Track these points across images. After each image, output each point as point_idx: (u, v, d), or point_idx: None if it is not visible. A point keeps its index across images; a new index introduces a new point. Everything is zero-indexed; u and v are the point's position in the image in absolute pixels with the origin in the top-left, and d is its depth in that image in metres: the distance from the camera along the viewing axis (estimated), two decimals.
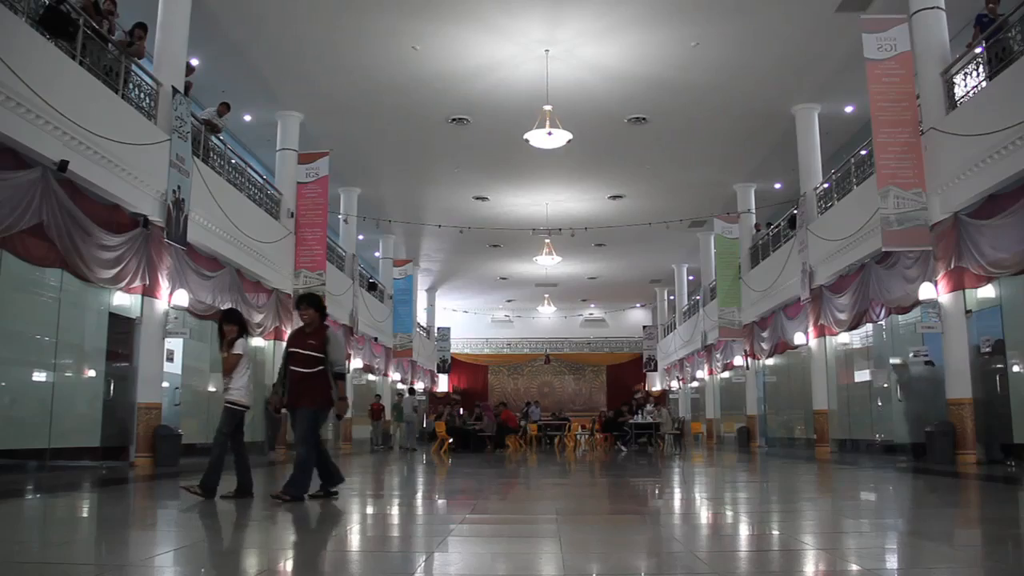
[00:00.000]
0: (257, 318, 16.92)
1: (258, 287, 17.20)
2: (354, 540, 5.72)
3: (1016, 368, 12.13)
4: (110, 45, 11.78)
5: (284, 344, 8.17)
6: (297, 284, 18.60)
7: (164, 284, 12.96)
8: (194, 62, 15.69)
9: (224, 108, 16.00)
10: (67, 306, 11.47)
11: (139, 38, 12.64)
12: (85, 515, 7.38)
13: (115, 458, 12.20)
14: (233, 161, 16.57)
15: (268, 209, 17.89)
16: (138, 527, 6.58)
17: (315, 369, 7.70)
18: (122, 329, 12.62)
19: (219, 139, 16.16)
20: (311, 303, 7.92)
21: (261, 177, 18.10)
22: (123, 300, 12.58)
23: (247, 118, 19.59)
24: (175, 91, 13.11)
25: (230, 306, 15.63)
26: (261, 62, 16.52)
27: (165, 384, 13.67)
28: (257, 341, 17.85)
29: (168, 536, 5.91)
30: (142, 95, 12.67)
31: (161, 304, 12.96)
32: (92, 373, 12.26)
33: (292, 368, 7.74)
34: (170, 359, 14.11)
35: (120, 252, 11.75)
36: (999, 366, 12.37)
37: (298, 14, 14.58)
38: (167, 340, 13.41)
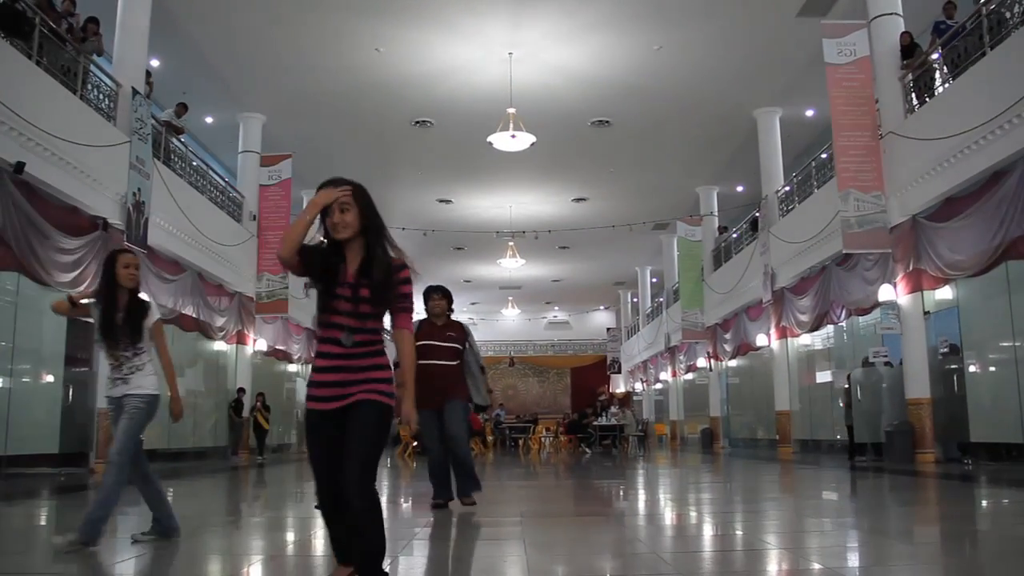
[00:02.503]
0: (219, 322, 16.77)
1: (220, 290, 17.04)
2: (317, 545, 5.68)
3: (972, 368, 12.34)
4: (67, 44, 11.61)
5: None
6: (260, 287, 18.46)
7: None
8: (154, 63, 15.53)
9: (182, 109, 15.82)
10: (24, 310, 11.29)
11: (93, 33, 12.46)
12: (43, 523, 7.26)
13: (74, 465, 12.01)
14: (194, 163, 16.41)
15: (230, 212, 17.73)
16: None
17: (456, 362, 7.30)
18: (81, 333, 12.43)
19: (180, 141, 15.99)
20: (444, 293, 7.44)
21: (223, 179, 17.94)
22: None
23: (208, 120, 19.40)
24: (135, 92, 12.96)
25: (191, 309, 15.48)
26: (223, 63, 16.36)
27: None
28: (219, 345, 17.68)
29: (129, 543, 5.83)
30: (101, 96, 12.50)
31: None
32: (50, 378, 12.08)
33: (429, 362, 7.03)
34: None
35: (79, 255, 11.57)
36: (956, 366, 12.57)
37: (260, 15, 14.45)
38: None
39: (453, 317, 7.56)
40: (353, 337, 3.38)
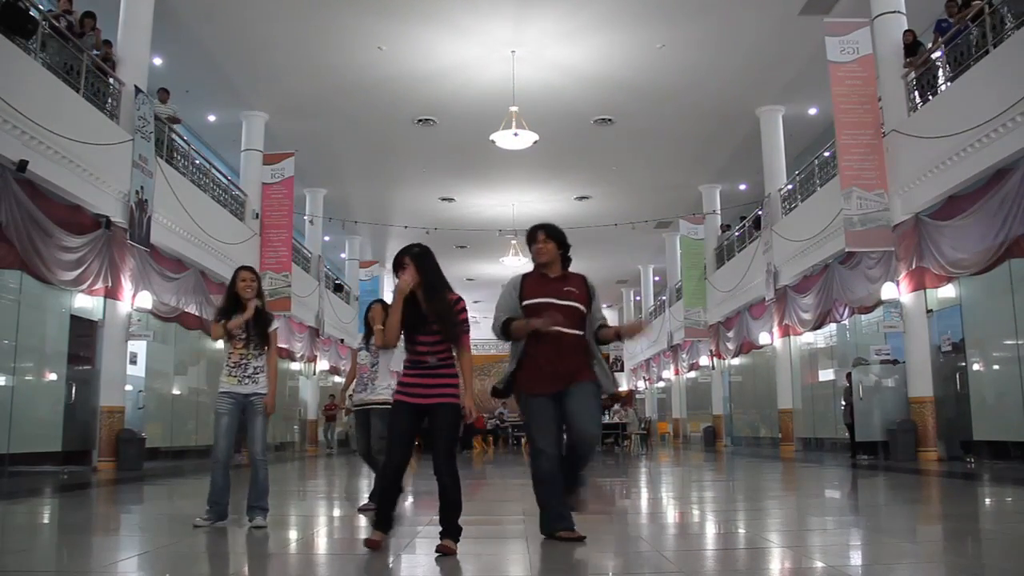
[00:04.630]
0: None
1: (223, 289, 16.98)
2: (321, 543, 5.69)
3: (975, 367, 12.32)
4: (69, 43, 11.62)
5: (503, 297, 5.35)
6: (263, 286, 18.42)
7: (127, 286, 12.80)
8: (157, 61, 15.51)
9: (164, 94, 15.22)
10: (27, 308, 11.28)
11: (91, 28, 12.45)
12: (46, 521, 7.28)
13: (77, 463, 12.02)
14: (197, 162, 16.41)
15: (233, 210, 17.74)
16: (100, 532, 6.50)
17: (582, 331, 5.23)
18: (84, 332, 12.44)
19: (183, 139, 15.98)
20: (551, 233, 5.34)
21: (225, 178, 17.94)
22: (85, 302, 12.40)
23: (211, 118, 19.41)
24: (138, 90, 12.96)
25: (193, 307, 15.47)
26: (225, 61, 16.37)
27: (128, 387, 13.50)
28: (222, 343, 17.65)
29: (132, 541, 5.84)
30: (104, 94, 12.51)
31: (124, 306, 12.80)
32: (53, 376, 12.07)
33: (560, 329, 5.10)
34: (133, 362, 13.94)
35: (82, 254, 11.59)
36: (959, 364, 12.56)
37: (263, 13, 14.45)
38: (130, 342, 13.25)
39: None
40: (434, 359, 4.77)
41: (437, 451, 4.67)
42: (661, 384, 32.39)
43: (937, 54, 12.39)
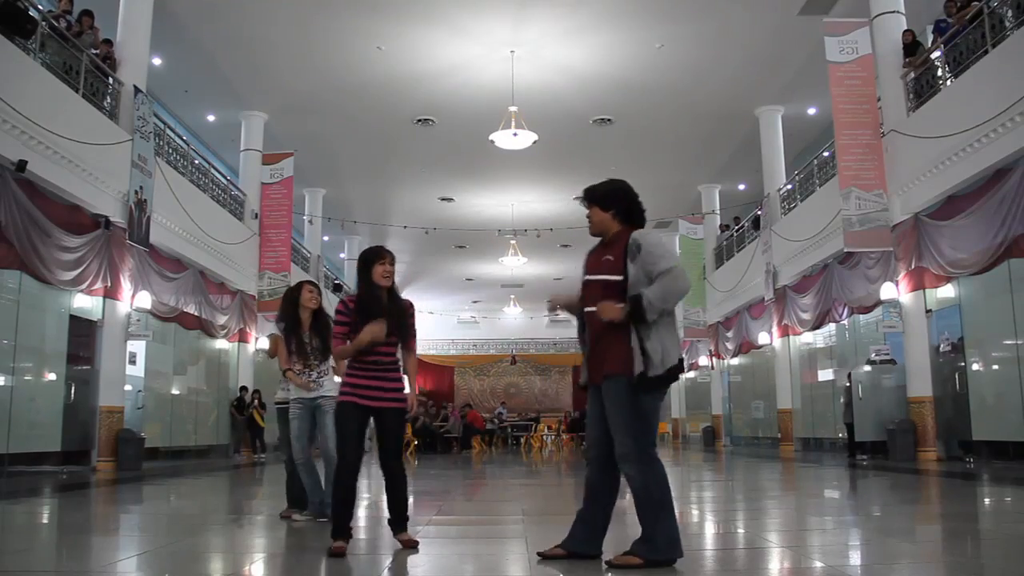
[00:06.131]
0: (221, 320, 16.77)
1: (222, 289, 17.04)
2: (320, 543, 5.68)
3: (975, 366, 12.33)
4: (69, 43, 11.61)
5: None
6: (261, 285, 18.45)
7: (126, 286, 12.80)
8: (156, 61, 15.51)
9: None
10: (26, 308, 11.27)
11: (89, 27, 12.43)
12: (45, 521, 7.27)
13: (76, 462, 12.03)
14: (196, 162, 16.40)
15: (232, 210, 17.73)
16: (100, 532, 6.50)
17: (618, 305, 4.13)
18: (83, 332, 12.44)
19: (182, 139, 15.98)
20: (590, 195, 4.39)
21: (225, 178, 17.94)
22: (84, 302, 12.40)
23: (210, 118, 19.40)
24: (137, 90, 12.96)
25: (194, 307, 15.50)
26: (225, 61, 16.35)
27: (127, 387, 13.50)
28: (221, 343, 17.68)
29: (131, 541, 5.84)
30: (103, 94, 12.50)
31: (123, 306, 12.80)
32: (52, 376, 12.06)
33: (586, 311, 4.30)
34: (132, 362, 13.94)
35: (81, 254, 11.59)
36: (958, 364, 12.56)
37: (263, 13, 14.44)
38: (129, 342, 13.25)
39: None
40: (386, 359, 4.93)
41: (389, 450, 4.99)
42: None
43: (936, 54, 12.40)
